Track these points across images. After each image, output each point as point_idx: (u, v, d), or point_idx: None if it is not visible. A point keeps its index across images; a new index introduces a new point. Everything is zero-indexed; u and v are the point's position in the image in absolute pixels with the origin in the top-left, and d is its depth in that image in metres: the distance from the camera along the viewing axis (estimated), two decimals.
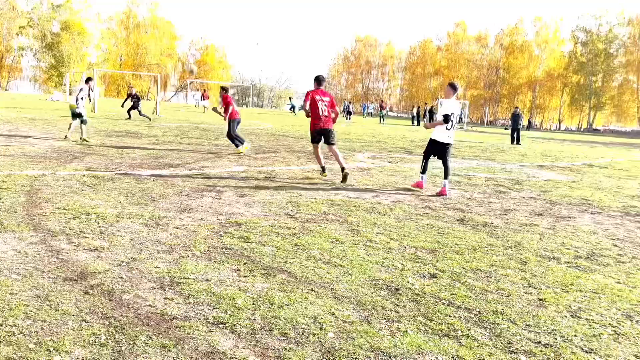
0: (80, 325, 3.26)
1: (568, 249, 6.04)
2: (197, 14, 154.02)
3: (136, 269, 4.35)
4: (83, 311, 3.46)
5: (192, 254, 4.86)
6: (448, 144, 9.18)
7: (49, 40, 60.74)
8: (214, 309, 3.66)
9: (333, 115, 9.98)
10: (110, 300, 3.66)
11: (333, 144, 10.02)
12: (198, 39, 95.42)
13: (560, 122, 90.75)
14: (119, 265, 4.42)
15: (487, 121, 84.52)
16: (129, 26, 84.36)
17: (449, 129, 9.07)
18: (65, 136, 14.17)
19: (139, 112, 24.73)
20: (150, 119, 24.60)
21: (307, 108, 9.73)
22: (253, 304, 3.79)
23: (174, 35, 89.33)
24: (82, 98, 13.75)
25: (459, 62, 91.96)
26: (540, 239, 6.43)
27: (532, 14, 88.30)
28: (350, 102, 53.66)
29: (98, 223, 5.69)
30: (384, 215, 7.15)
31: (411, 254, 5.38)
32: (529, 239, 6.35)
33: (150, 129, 19.65)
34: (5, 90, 73.91)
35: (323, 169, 10.14)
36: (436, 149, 9.23)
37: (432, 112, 46.67)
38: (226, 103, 13.74)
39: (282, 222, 6.32)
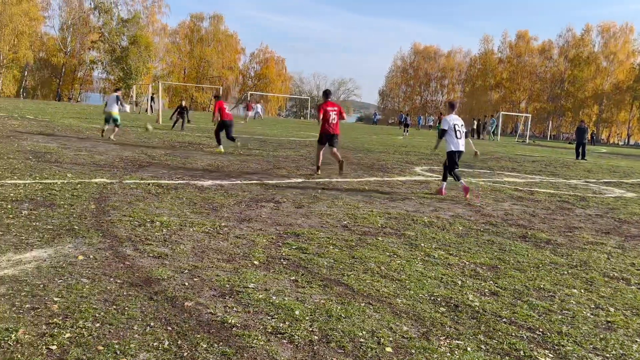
0: (145, 329, 3.37)
1: (638, 269, 5.77)
2: (258, 26, 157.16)
3: (198, 276, 4.46)
4: (147, 316, 3.58)
5: (251, 264, 4.95)
6: (461, 152, 10.07)
7: (118, 54, 63.47)
8: (272, 318, 3.70)
9: (341, 119, 12.01)
10: (173, 307, 3.77)
11: (335, 147, 11.91)
12: (258, 51, 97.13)
13: (629, 136, 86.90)
14: (182, 272, 4.54)
15: (550, 135, 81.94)
16: (193, 40, 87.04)
17: (459, 138, 9.96)
18: (109, 137, 16.92)
19: (175, 119, 25.62)
20: (181, 129, 25.09)
21: (320, 118, 11.77)
22: (311, 315, 3.81)
23: (236, 48, 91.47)
24: (115, 104, 16.97)
25: (521, 74, 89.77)
26: (608, 258, 6.17)
27: (600, 26, 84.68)
28: (407, 115, 53.10)
29: (162, 231, 5.88)
30: (443, 229, 7.04)
31: (471, 270, 5.28)
32: (595, 258, 6.10)
33: (211, 140, 20.15)
34: (77, 101, 77.61)
35: (318, 168, 11.98)
36: (454, 158, 9.98)
37: (484, 125, 45.95)
38: (218, 108, 16.32)
39: (339, 234, 6.34)
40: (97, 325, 3.38)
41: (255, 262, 4.99)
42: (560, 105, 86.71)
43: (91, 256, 4.78)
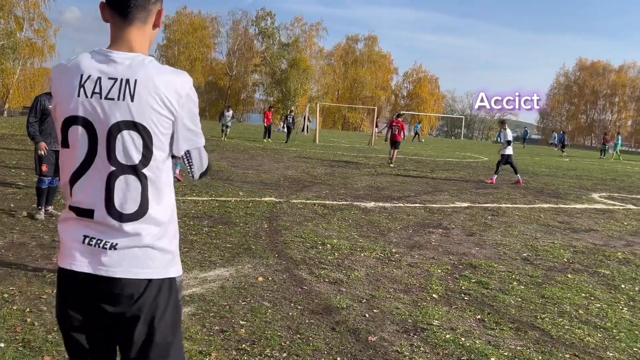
0: None
1: None
2: (411, 46, 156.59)
3: (377, 307, 4.25)
4: (333, 349, 3.42)
5: (430, 297, 4.64)
6: (510, 155, 14.52)
7: (277, 77, 67.01)
8: None
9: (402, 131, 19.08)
10: (357, 341, 3.58)
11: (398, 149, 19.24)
12: (412, 71, 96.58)
13: None
14: (360, 301, 4.37)
15: None
16: (347, 61, 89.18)
17: (510, 146, 14.61)
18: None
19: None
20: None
21: (388, 129, 19.77)
22: None
23: (389, 68, 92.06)
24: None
25: None
26: None
27: None
28: (563, 133, 48.62)
29: (334, 254, 5.79)
30: None
31: None
32: None
33: (367, 160, 20.21)
34: (240, 121, 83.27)
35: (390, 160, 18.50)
36: (505, 160, 14.60)
37: None
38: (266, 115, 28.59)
39: (520, 268, 5.79)
40: (284, 355, 3.29)
41: (434, 296, 4.67)
42: None
43: (270, 278, 4.79)
